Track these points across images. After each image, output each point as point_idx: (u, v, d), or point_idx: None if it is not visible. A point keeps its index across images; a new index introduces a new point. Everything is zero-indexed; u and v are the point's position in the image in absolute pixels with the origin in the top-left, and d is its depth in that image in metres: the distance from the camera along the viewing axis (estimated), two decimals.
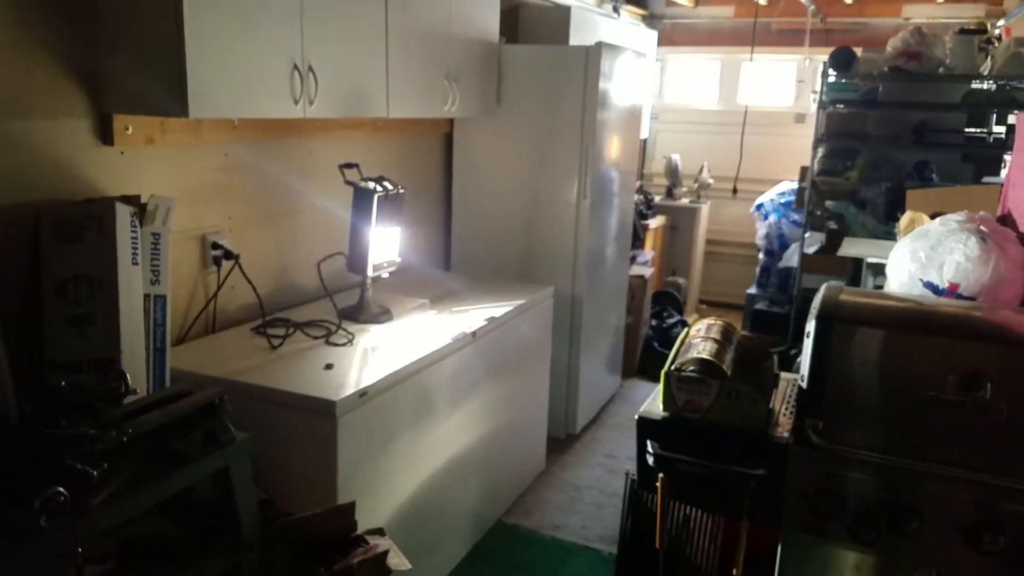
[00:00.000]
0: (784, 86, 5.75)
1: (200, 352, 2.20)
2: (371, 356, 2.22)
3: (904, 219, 2.36)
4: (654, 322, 4.58)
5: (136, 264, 1.86)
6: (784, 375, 1.97)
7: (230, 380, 1.97)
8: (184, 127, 2.17)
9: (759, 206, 4.96)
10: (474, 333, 2.46)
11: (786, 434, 1.64)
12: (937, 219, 2.14)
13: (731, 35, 5.85)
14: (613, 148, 3.47)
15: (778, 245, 4.71)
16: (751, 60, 5.66)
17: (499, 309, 2.68)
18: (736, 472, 1.60)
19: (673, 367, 1.75)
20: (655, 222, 5.05)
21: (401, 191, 2.46)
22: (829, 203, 3.86)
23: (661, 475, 1.68)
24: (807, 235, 4.13)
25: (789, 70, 5.76)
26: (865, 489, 1.55)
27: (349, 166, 2.43)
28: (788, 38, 5.55)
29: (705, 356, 1.74)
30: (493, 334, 2.59)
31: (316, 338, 2.30)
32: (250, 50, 1.99)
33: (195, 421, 1.48)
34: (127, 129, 2.02)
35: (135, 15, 1.86)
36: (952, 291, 2.02)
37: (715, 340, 1.86)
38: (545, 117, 3.28)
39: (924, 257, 2.07)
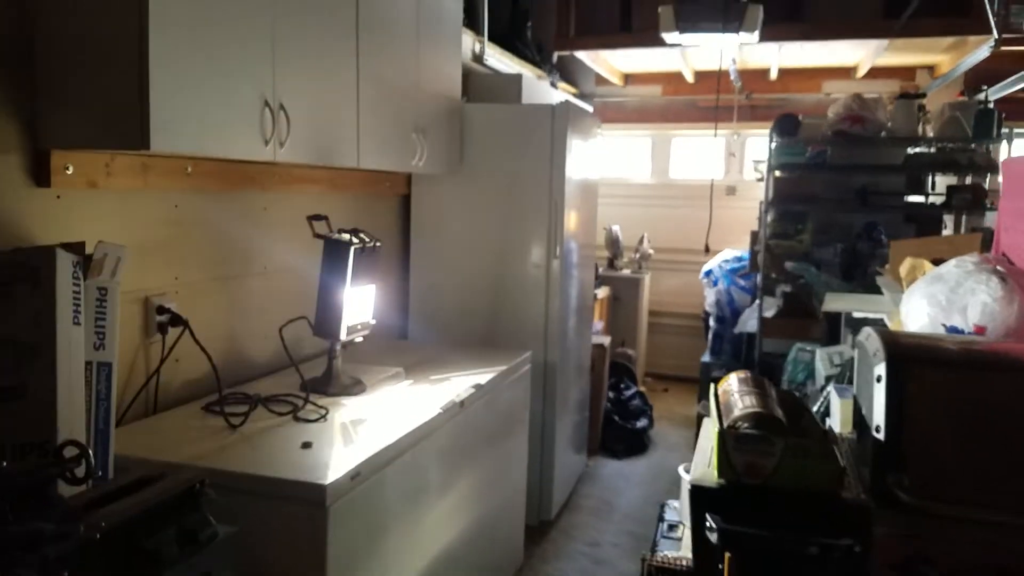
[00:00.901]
0: (714, 159, 5.87)
1: (144, 435, 1.83)
2: (352, 432, 1.91)
3: (905, 266, 2.28)
4: (611, 394, 4.39)
5: (78, 324, 1.52)
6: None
7: (190, 465, 1.62)
8: (132, 170, 1.87)
9: (707, 272, 4.93)
10: (462, 403, 2.19)
11: (863, 495, 1.45)
12: (951, 261, 2.07)
13: (660, 112, 5.98)
14: (576, 214, 3.34)
15: (729, 312, 4.66)
16: (679, 136, 5.77)
17: (482, 376, 2.42)
18: (821, 544, 1.38)
19: (727, 425, 1.54)
20: (600, 292, 4.93)
21: (378, 244, 2.21)
22: (789, 264, 3.84)
23: (728, 555, 1.44)
24: (763, 300, 4.09)
25: (718, 144, 5.90)
26: (967, 552, 1.36)
27: (318, 218, 2.16)
28: (714, 114, 5.71)
29: (760, 409, 1.55)
30: (478, 404, 2.32)
31: (282, 414, 1.98)
32: (218, 81, 1.74)
33: (171, 513, 1.15)
34: (67, 169, 1.71)
35: (88, 29, 1.59)
36: (978, 334, 1.93)
37: (757, 392, 1.67)
38: (510, 176, 3.12)
39: (944, 300, 1.97)
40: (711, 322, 4.88)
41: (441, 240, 3.23)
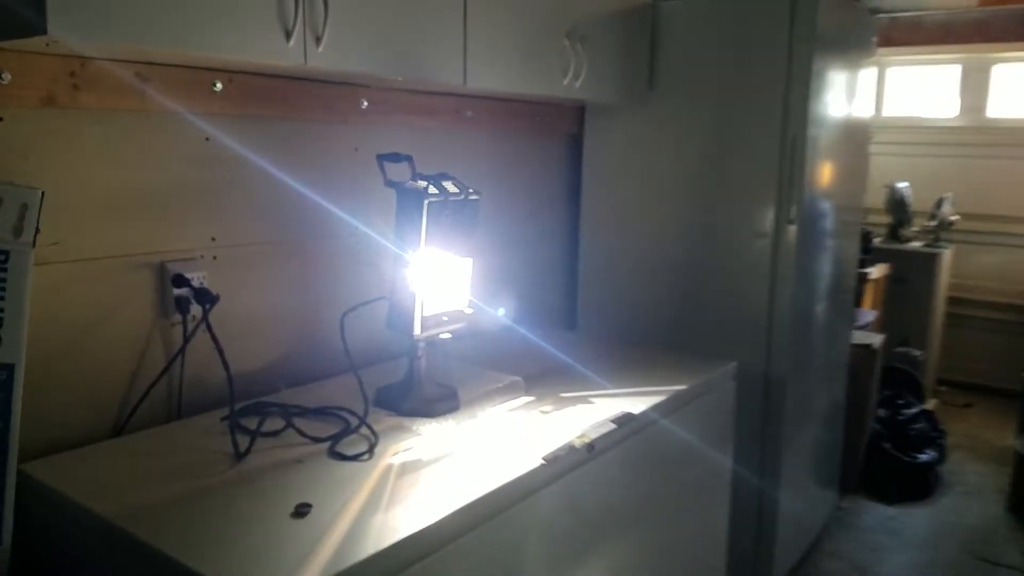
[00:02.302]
0: None
1: (109, 458, 1.30)
2: (395, 487, 1.22)
3: None
4: (882, 412, 3.24)
5: None
6: None
7: (117, 526, 1.06)
8: (118, 83, 1.33)
9: None
10: (591, 446, 1.40)
11: None
12: None
13: (974, 29, 4.42)
14: (831, 164, 2.31)
15: None
16: (1003, 62, 4.23)
17: (642, 400, 1.60)
18: None
19: None
20: (874, 271, 3.73)
21: (473, 196, 1.48)
22: None
23: None
24: None
25: None
26: None
27: (396, 158, 1.48)
28: None
29: None
30: (629, 443, 1.51)
31: (319, 440, 1.35)
32: None
33: None
34: (1, 77, 1.20)
35: None
36: None
37: None
38: (725, 106, 2.19)
39: None
40: None
41: (623, 198, 2.39)
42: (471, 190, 1.48)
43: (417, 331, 1.45)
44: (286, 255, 1.65)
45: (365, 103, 1.75)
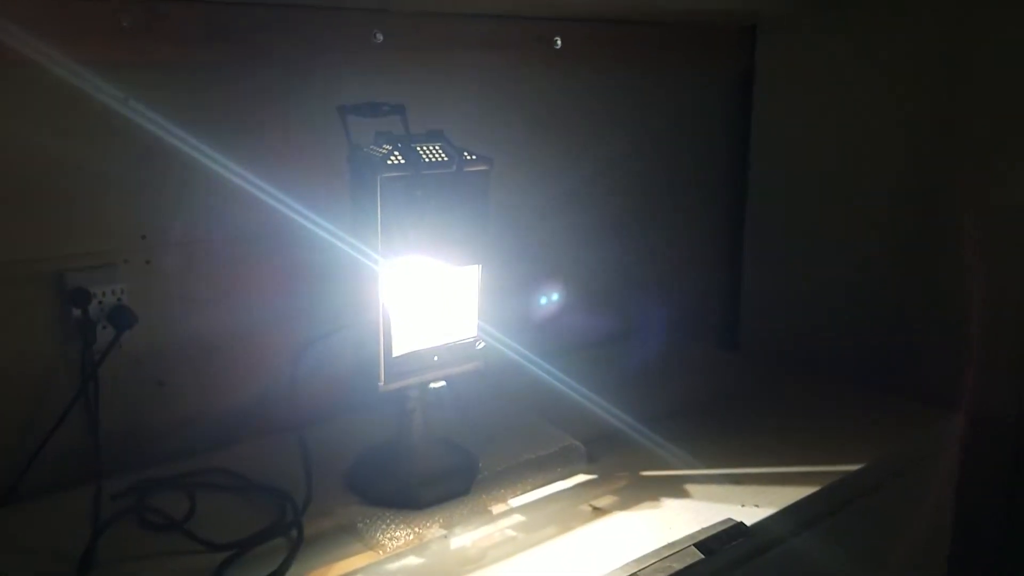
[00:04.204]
0: None
1: None
2: None
3: None
4: None
5: None
6: None
7: None
8: None
9: None
10: None
11: None
12: None
13: None
14: None
15: None
16: None
17: (781, 492, 0.97)
18: None
19: None
20: None
21: (474, 167, 0.92)
22: None
23: None
24: None
25: None
26: None
27: (374, 110, 0.96)
28: None
29: None
30: (779, 553, 0.90)
31: (214, 547, 0.88)
32: None
33: None
34: None
35: None
36: None
37: None
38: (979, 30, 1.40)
39: None
40: None
41: (814, 161, 1.67)
42: (471, 156, 0.92)
43: (381, 380, 0.93)
44: (255, 257, 1.19)
45: (380, 36, 1.24)
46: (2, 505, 1.01)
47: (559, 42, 1.44)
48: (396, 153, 0.88)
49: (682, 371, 1.46)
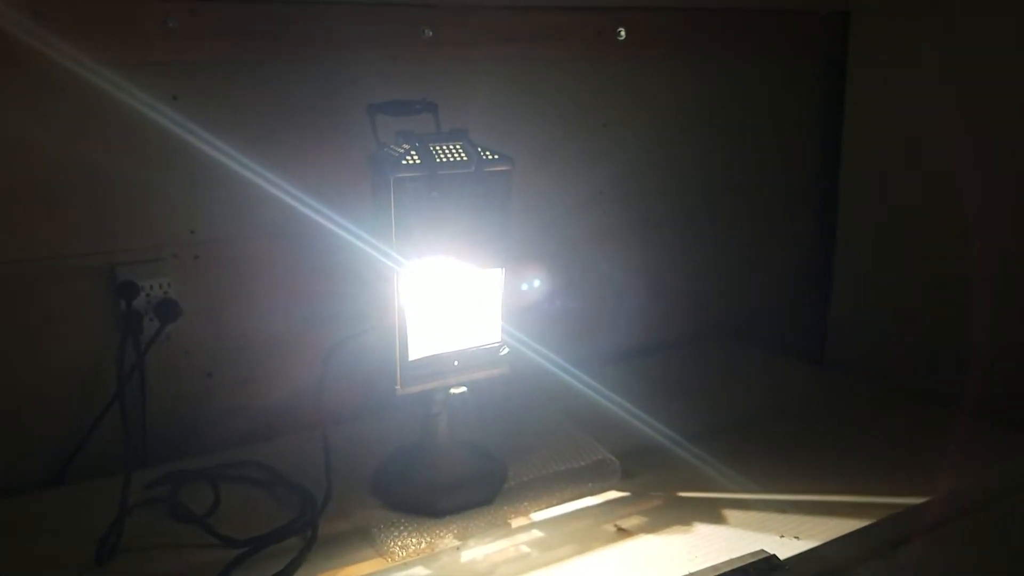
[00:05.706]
0: None
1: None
2: None
3: None
4: None
5: None
6: None
7: None
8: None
9: None
10: None
11: None
12: None
13: None
14: None
15: None
16: None
17: (826, 524, 0.88)
18: None
19: None
20: None
21: (501, 166, 0.88)
22: None
23: None
24: None
25: None
26: None
27: (406, 108, 0.94)
28: None
29: None
30: None
31: (232, 543, 0.89)
32: None
33: None
34: None
35: None
36: None
37: None
38: None
39: None
40: None
41: (916, 157, 1.52)
42: (493, 156, 0.89)
43: (398, 383, 0.91)
44: (293, 256, 1.20)
45: (429, 32, 1.22)
46: (49, 487, 1.07)
47: (623, 33, 1.38)
48: (413, 153, 0.85)
49: (740, 383, 1.36)
